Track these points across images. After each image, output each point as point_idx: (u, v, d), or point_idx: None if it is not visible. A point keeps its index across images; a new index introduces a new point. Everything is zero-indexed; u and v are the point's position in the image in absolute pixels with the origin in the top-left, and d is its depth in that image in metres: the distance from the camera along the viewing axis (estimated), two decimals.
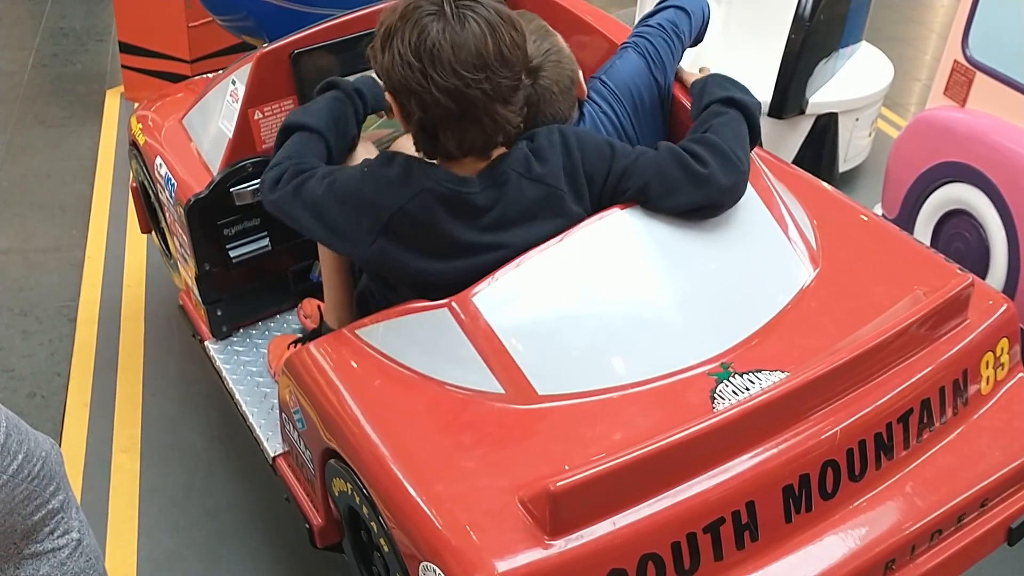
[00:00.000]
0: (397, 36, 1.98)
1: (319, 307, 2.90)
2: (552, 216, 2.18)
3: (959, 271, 2.33)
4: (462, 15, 1.95)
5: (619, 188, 2.23)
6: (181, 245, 3.01)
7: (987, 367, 2.23)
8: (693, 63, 4.32)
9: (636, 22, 4.88)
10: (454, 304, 2.10)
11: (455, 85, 1.95)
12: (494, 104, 2.01)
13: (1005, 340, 2.26)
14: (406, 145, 2.24)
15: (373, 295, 2.38)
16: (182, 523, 3.01)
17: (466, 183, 2.10)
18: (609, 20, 2.95)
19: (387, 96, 2.11)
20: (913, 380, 2.08)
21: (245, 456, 3.18)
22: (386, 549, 2.00)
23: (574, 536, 1.76)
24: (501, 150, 2.16)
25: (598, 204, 2.24)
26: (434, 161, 2.15)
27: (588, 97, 2.56)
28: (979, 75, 3.55)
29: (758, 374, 2.05)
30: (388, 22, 2.01)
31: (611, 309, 2.15)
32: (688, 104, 2.56)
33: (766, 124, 4.38)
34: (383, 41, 2.02)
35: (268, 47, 2.81)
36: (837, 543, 1.96)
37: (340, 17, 2.86)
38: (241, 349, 3.02)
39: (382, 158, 2.19)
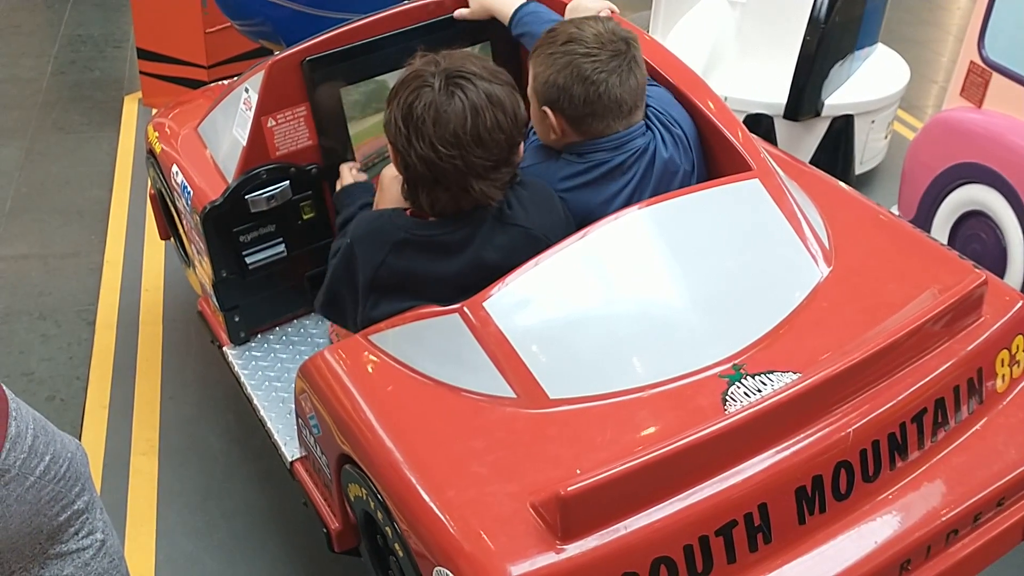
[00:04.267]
0: (397, 98, 2.17)
1: None
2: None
3: (974, 268, 2.31)
4: (451, 92, 2.11)
5: None
6: (198, 252, 3.04)
7: (1003, 365, 2.22)
8: (707, 67, 4.35)
9: (650, 27, 4.92)
10: (465, 309, 2.12)
11: (429, 156, 2.12)
12: (467, 178, 2.14)
13: (1021, 338, 2.25)
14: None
15: None
16: (200, 525, 3.03)
17: (432, 227, 2.22)
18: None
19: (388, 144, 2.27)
20: (927, 379, 2.07)
21: (262, 459, 3.19)
22: (401, 554, 2.01)
23: (586, 540, 1.77)
24: None
25: None
26: (406, 211, 2.29)
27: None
28: (995, 76, 3.54)
29: (770, 375, 2.04)
30: (397, 83, 2.21)
31: (622, 312, 2.15)
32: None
33: (782, 126, 4.41)
34: (390, 98, 2.20)
35: (279, 55, 2.82)
36: (851, 544, 1.96)
37: (354, 22, 2.87)
38: (259, 354, 3.03)
39: (358, 219, 2.33)
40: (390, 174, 2.42)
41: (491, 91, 2.14)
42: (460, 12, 2.95)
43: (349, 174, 2.80)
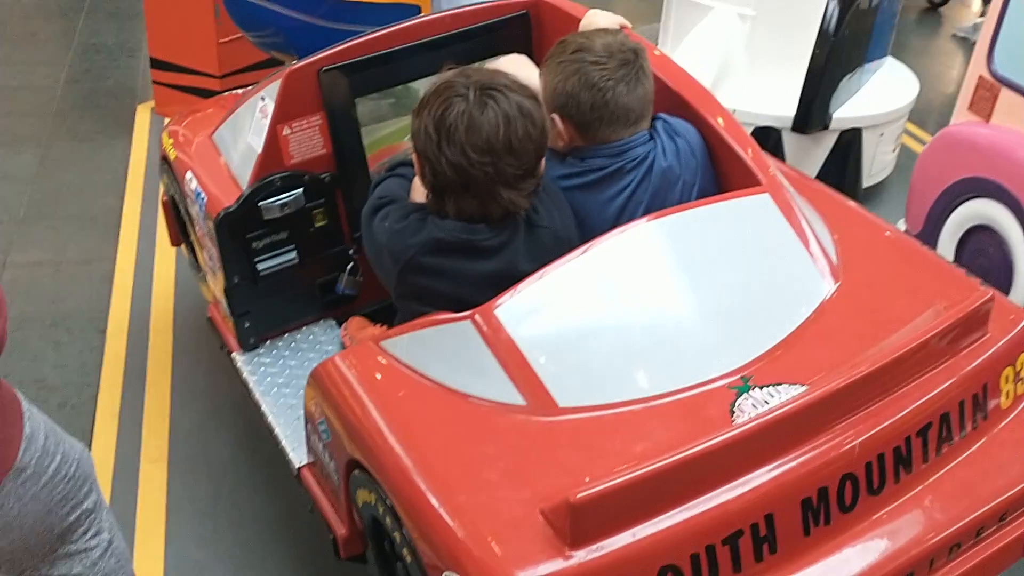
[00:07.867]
0: (427, 108, 2.20)
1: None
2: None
3: (980, 286, 2.33)
4: (484, 103, 2.15)
5: None
6: (210, 258, 3.06)
7: (1007, 381, 2.23)
8: (716, 80, 4.36)
9: (660, 39, 4.94)
10: (477, 317, 2.14)
11: (461, 163, 2.15)
12: (496, 186, 2.18)
13: None
14: None
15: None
16: (209, 533, 3.05)
17: (476, 231, 2.24)
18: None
19: (412, 154, 2.30)
20: (933, 394, 2.09)
21: (272, 467, 3.21)
22: (409, 559, 2.03)
23: (594, 547, 1.78)
24: None
25: None
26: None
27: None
28: (1004, 90, 3.55)
29: (777, 387, 2.06)
30: (427, 93, 2.23)
31: (632, 322, 2.18)
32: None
33: (790, 139, 4.43)
34: (418, 109, 2.23)
35: (297, 64, 2.85)
36: (855, 556, 1.97)
37: (369, 34, 2.90)
38: (268, 361, 3.05)
39: (400, 211, 2.34)
40: (417, 183, 2.45)
41: (522, 103, 2.19)
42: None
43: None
